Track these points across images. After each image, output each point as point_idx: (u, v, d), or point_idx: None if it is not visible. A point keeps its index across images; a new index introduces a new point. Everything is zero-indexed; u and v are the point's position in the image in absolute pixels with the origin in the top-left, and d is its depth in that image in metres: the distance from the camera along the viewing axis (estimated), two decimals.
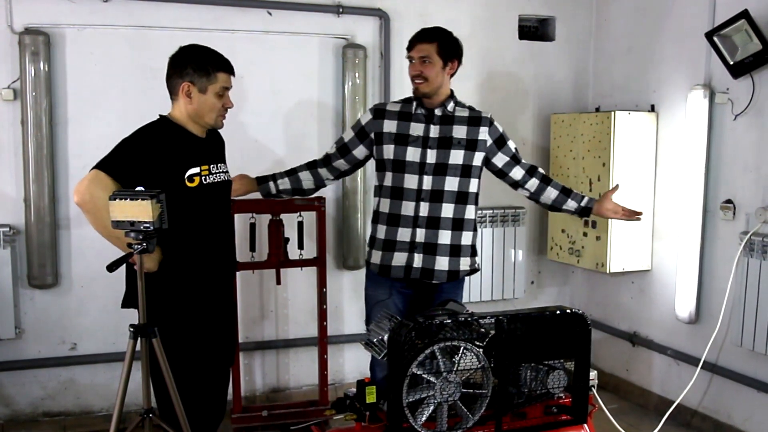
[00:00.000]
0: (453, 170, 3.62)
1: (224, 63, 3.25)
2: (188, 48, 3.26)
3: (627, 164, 4.98)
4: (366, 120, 3.75)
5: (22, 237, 4.43)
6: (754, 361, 4.34)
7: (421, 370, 2.67)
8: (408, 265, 3.64)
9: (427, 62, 3.59)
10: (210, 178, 3.24)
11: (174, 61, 3.23)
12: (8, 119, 4.38)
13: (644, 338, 5.24)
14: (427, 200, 3.61)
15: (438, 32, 3.67)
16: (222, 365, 3.46)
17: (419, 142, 3.61)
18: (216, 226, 3.32)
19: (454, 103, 3.73)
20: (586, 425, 3.05)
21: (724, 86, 4.47)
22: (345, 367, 5.25)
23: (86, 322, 4.66)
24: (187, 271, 3.20)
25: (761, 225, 4.22)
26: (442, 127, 3.65)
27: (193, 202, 3.17)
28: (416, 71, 3.60)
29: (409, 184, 3.61)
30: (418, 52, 3.60)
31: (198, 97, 3.18)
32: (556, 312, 2.93)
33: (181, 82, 3.17)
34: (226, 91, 3.27)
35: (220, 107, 3.25)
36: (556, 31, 5.66)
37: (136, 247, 2.83)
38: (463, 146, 3.64)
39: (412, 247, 3.63)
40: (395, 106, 3.74)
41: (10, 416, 4.58)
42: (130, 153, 3.09)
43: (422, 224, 3.62)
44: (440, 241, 3.64)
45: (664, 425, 4.59)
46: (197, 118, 3.22)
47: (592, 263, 5.19)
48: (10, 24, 4.32)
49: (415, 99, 3.69)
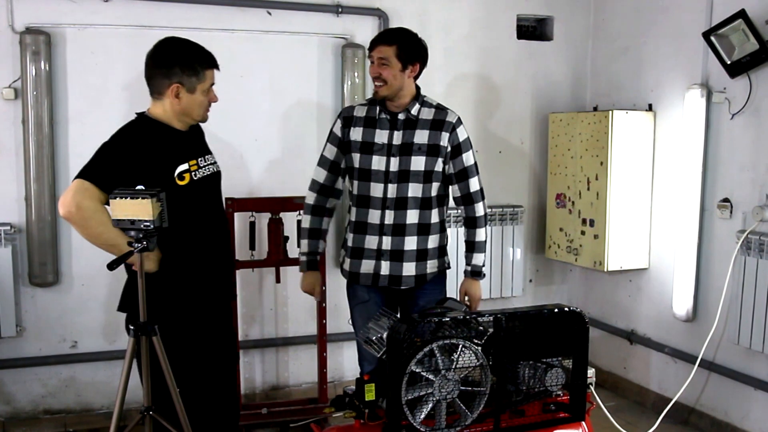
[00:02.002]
0: (415, 177, 3.57)
1: (210, 59, 3.16)
2: (171, 45, 3.14)
3: (625, 163, 5.00)
4: (338, 128, 3.68)
5: (23, 235, 4.45)
6: (751, 358, 4.36)
7: (420, 367, 2.68)
8: (375, 273, 3.64)
9: (386, 64, 3.51)
10: (200, 173, 3.16)
11: (157, 59, 3.10)
12: (9, 118, 4.39)
13: (642, 336, 5.26)
14: (392, 208, 3.58)
15: (399, 34, 3.59)
16: (227, 362, 3.43)
17: (384, 150, 3.57)
18: (211, 220, 3.26)
19: (420, 104, 3.62)
20: (584, 423, 3.05)
21: (721, 86, 4.49)
22: (344, 365, 5.26)
23: (87, 320, 4.68)
24: (187, 270, 3.17)
25: (758, 223, 4.24)
26: (405, 132, 3.58)
27: (185, 200, 3.09)
28: (375, 73, 3.53)
29: (374, 192, 3.58)
30: (378, 53, 3.53)
31: (187, 97, 3.08)
32: (554, 310, 2.93)
33: (168, 83, 3.06)
34: (212, 86, 3.19)
35: (207, 103, 3.18)
36: (554, 30, 5.68)
37: (136, 246, 2.83)
38: (424, 152, 3.57)
39: (379, 255, 3.62)
40: (362, 110, 3.67)
41: (11, 414, 4.59)
42: (112, 157, 2.98)
43: (388, 232, 3.60)
44: (406, 248, 3.62)
45: (662, 423, 4.61)
46: (183, 116, 3.13)
47: (590, 261, 5.21)
48: (11, 24, 4.34)
49: (380, 103, 3.62)
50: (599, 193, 5.05)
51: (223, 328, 3.39)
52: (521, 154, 5.70)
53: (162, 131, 3.10)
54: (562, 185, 5.41)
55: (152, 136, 3.07)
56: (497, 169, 5.56)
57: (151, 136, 3.07)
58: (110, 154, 2.99)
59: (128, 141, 3.03)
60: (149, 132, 3.08)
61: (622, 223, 5.04)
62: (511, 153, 5.63)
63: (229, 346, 3.46)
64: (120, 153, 2.99)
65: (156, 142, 3.06)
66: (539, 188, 5.76)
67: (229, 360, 3.45)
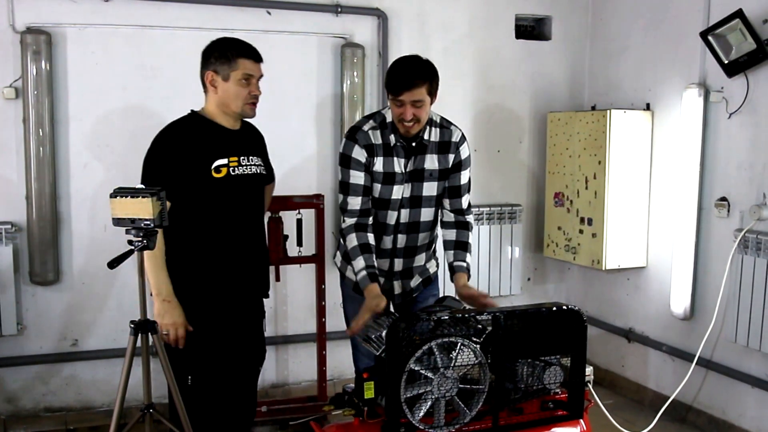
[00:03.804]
0: (427, 202, 3.53)
1: (247, 49, 3.23)
2: (216, 40, 3.28)
3: (622, 162, 5.02)
4: (362, 156, 3.40)
5: (24, 234, 4.47)
6: (748, 357, 4.38)
7: (418, 366, 2.69)
8: (387, 290, 3.58)
9: (420, 106, 3.29)
10: (239, 170, 3.22)
11: (202, 54, 3.25)
12: (10, 117, 4.41)
13: (639, 334, 5.28)
14: (405, 232, 3.54)
15: (426, 70, 3.33)
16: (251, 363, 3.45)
17: (402, 179, 3.47)
18: (243, 216, 3.31)
19: (428, 124, 3.46)
20: (582, 420, 3.06)
21: (719, 85, 4.51)
22: (343, 363, 5.25)
23: (87, 319, 4.70)
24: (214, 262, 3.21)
25: (755, 222, 4.26)
26: (416, 158, 3.46)
27: (220, 193, 3.16)
28: (411, 116, 3.29)
29: (390, 219, 3.52)
30: (410, 96, 3.25)
31: (221, 85, 3.18)
32: (553, 308, 2.94)
33: (204, 72, 3.20)
34: (252, 78, 3.23)
35: (246, 95, 3.22)
36: (552, 30, 5.69)
37: (136, 244, 2.85)
38: (435, 178, 3.51)
39: (391, 275, 3.61)
40: (376, 136, 3.43)
41: (12, 412, 4.61)
42: (159, 158, 3.13)
43: (400, 254, 3.58)
44: (415, 265, 3.65)
45: (659, 420, 4.63)
46: (224, 108, 3.22)
47: (588, 260, 5.23)
48: (12, 23, 4.35)
49: (391, 128, 3.42)
50: (597, 192, 5.07)
51: (249, 324, 3.40)
52: (520, 154, 5.71)
53: (204, 125, 3.21)
54: (561, 184, 5.43)
55: (195, 129, 3.19)
56: (496, 168, 5.58)
57: (194, 129, 3.19)
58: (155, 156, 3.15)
59: (170, 136, 3.17)
60: (192, 126, 3.20)
61: (619, 221, 5.06)
62: (510, 152, 5.64)
63: (255, 344, 3.47)
64: (164, 149, 3.14)
65: (197, 135, 3.17)
66: (537, 187, 5.77)
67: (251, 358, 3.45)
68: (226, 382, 3.27)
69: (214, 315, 3.21)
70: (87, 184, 4.58)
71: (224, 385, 3.25)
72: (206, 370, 3.18)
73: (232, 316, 3.26)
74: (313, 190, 4.88)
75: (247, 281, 3.36)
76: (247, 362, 3.40)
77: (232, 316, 3.26)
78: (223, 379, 3.25)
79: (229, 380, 3.28)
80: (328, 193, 4.89)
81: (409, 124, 3.33)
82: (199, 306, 3.19)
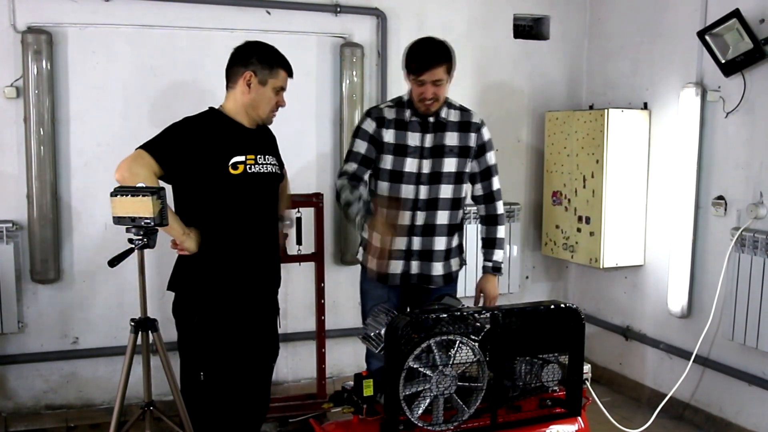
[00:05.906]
0: (447, 178, 3.63)
1: (286, 63, 3.30)
2: (256, 42, 3.32)
3: (620, 161, 5.04)
4: (370, 127, 3.62)
5: (25, 232, 4.48)
6: (745, 354, 4.40)
7: (417, 363, 2.71)
8: (405, 272, 3.67)
9: (440, 84, 3.53)
10: (255, 168, 3.24)
11: (239, 52, 3.28)
12: (11, 117, 4.42)
13: (637, 332, 5.30)
14: (423, 209, 3.62)
15: (444, 51, 3.58)
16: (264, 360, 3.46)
17: (417, 153, 3.60)
18: (259, 214, 3.33)
19: (447, 106, 3.69)
20: (580, 418, 3.09)
21: (716, 84, 4.53)
22: (343, 361, 5.29)
23: (88, 317, 4.71)
24: (229, 257, 3.23)
25: (752, 221, 4.28)
26: (435, 135, 3.63)
27: (236, 189, 3.19)
28: (431, 95, 3.52)
29: (406, 194, 3.61)
30: (431, 76, 3.49)
31: (257, 88, 3.21)
32: (551, 306, 2.97)
33: (243, 71, 3.21)
34: (282, 90, 3.30)
35: (275, 104, 3.30)
36: (550, 30, 5.71)
37: (137, 243, 2.87)
38: (456, 154, 3.65)
39: (409, 255, 3.65)
40: (390, 112, 3.64)
41: (13, 409, 4.63)
42: (174, 137, 3.12)
43: (418, 233, 3.63)
44: (436, 248, 3.67)
45: (657, 418, 4.64)
46: (251, 110, 3.26)
47: (585, 258, 5.25)
48: (13, 23, 4.36)
49: (408, 106, 3.64)
50: (595, 190, 5.09)
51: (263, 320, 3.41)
52: (518, 152, 5.73)
53: (225, 123, 3.24)
54: (559, 183, 5.45)
55: (215, 125, 3.21)
56: None
57: (214, 125, 3.21)
58: (173, 134, 3.14)
59: (192, 126, 3.18)
60: (213, 121, 3.22)
61: (617, 220, 5.08)
62: (508, 151, 5.65)
63: (268, 340, 3.47)
64: (183, 134, 3.14)
65: (217, 131, 3.19)
66: (536, 186, 5.79)
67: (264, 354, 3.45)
68: (239, 378, 3.27)
69: (229, 310, 3.22)
70: (87, 183, 4.59)
71: (237, 381, 3.26)
72: (219, 365, 3.19)
73: (246, 312, 3.28)
74: (312, 188, 4.89)
75: (262, 277, 3.37)
76: (261, 358, 3.41)
77: (246, 312, 3.28)
78: (235, 375, 3.25)
79: (242, 376, 3.29)
80: (327, 192, 4.90)
81: (429, 102, 3.54)
82: (214, 301, 3.21)
